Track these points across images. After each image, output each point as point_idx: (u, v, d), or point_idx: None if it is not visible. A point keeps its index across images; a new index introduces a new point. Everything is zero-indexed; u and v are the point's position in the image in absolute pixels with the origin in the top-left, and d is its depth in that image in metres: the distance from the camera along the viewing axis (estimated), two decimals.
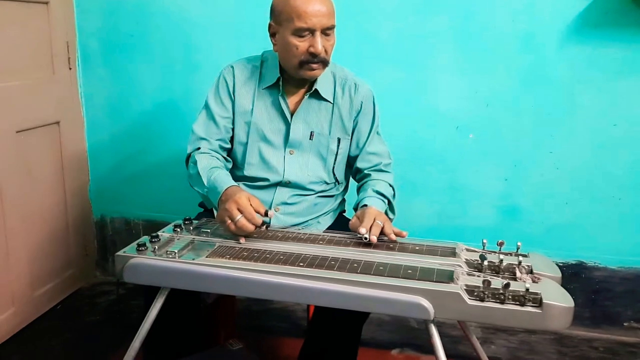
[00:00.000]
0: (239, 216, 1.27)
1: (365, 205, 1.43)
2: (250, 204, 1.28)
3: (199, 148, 1.51)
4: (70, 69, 2.24)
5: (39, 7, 2.05)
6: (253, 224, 1.28)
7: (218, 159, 1.51)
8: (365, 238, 1.29)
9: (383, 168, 1.60)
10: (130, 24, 2.21)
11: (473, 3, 1.95)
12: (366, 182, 1.57)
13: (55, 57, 2.14)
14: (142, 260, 1.22)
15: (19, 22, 1.95)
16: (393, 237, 1.32)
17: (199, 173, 1.42)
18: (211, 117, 1.54)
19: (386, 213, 1.48)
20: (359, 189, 1.60)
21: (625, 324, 2.09)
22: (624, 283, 2.06)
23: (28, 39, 2.00)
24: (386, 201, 1.50)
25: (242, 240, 1.31)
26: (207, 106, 1.56)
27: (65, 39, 2.19)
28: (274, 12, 1.45)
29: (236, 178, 1.53)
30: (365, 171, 1.60)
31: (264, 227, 1.34)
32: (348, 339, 1.49)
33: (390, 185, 1.56)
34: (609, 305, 2.09)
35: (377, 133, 1.62)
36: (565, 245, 2.08)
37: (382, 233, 1.33)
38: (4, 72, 1.89)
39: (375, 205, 1.43)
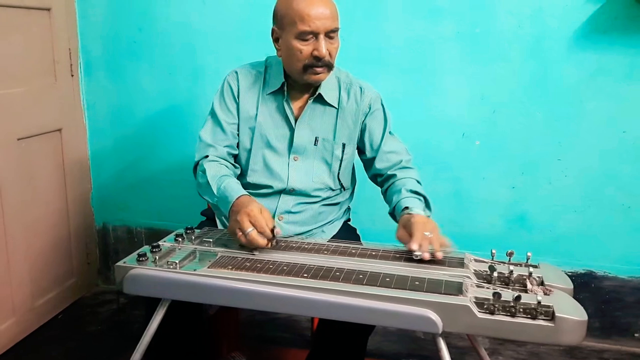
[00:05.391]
0: (250, 229, 1.24)
1: (407, 208, 1.36)
2: (262, 215, 1.26)
3: (207, 156, 1.48)
4: (72, 75, 2.22)
5: (40, 13, 2.03)
6: (265, 237, 1.25)
7: (227, 166, 1.49)
8: (417, 256, 1.22)
9: (405, 165, 1.54)
10: (133, 30, 2.20)
11: (479, 8, 1.93)
12: (393, 182, 1.51)
13: (58, 63, 2.13)
14: (142, 271, 1.19)
15: (20, 28, 1.94)
16: (440, 255, 1.23)
17: (208, 182, 1.40)
18: (218, 123, 1.52)
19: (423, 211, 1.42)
20: (386, 191, 1.53)
21: (636, 334, 2.04)
22: (635, 293, 2.01)
23: (30, 46, 1.99)
24: (422, 199, 1.44)
25: (257, 252, 1.28)
26: (213, 112, 1.54)
27: (67, 45, 2.18)
28: (276, 17, 1.43)
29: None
30: (388, 172, 1.54)
31: (274, 241, 1.29)
32: (353, 351, 1.46)
33: (419, 182, 1.50)
34: (620, 315, 2.05)
35: (390, 133, 1.58)
36: (574, 255, 2.04)
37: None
38: (5, 79, 1.88)
39: (417, 207, 1.37)
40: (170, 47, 2.18)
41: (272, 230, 1.26)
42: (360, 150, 1.60)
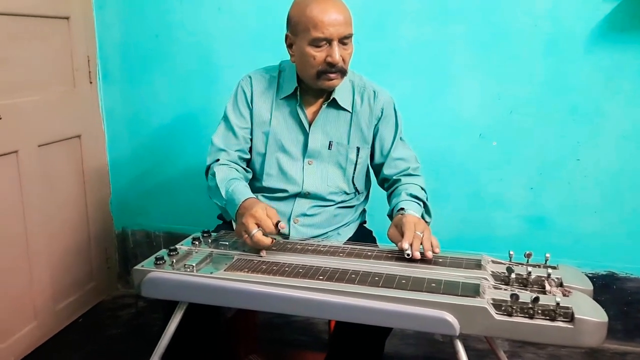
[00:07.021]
0: (255, 230, 1.25)
1: (403, 209, 1.37)
2: (267, 215, 1.26)
3: (218, 159, 1.50)
4: (91, 83, 2.25)
5: (59, 22, 2.07)
6: (270, 236, 1.26)
7: (237, 170, 1.50)
8: (408, 255, 1.23)
9: (412, 172, 1.55)
10: (150, 38, 2.22)
11: (493, 8, 1.91)
12: (397, 187, 1.52)
13: (76, 71, 2.16)
14: (160, 274, 1.20)
15: (40, 37, 1.97)
16: (430, 255, 1.24)
17: (217, 185, 1.41)
18: (230, 128, 1.53)
19: (422, 216, 1.43)
20: (390, 196, 1.55)
21: None
22: None
23: (49, 54, 2.02)
24: (421, 204, 1.45)
25: (263, 253, 1.29)
26: (225, 117, 1.55)
27: (86, 53, 2.21)
28: (290, 23, 1.44)
29: (255, 189, 1.52)
30: (394, 177, 1.56)
31: (278, 230, 1.28)
32: (371, 354, 1.45)
33: (422, 189, 1.51)
34: None
35: (401, 139, 1.58)
36: (595, 256, 2.01)
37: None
38: (25, 87, 1.91)
39: (412, 210, 1.37)
40: (186, 54, 2.20)
41: (277, 225, 1.26)
42: (370, 156, 1.60)
